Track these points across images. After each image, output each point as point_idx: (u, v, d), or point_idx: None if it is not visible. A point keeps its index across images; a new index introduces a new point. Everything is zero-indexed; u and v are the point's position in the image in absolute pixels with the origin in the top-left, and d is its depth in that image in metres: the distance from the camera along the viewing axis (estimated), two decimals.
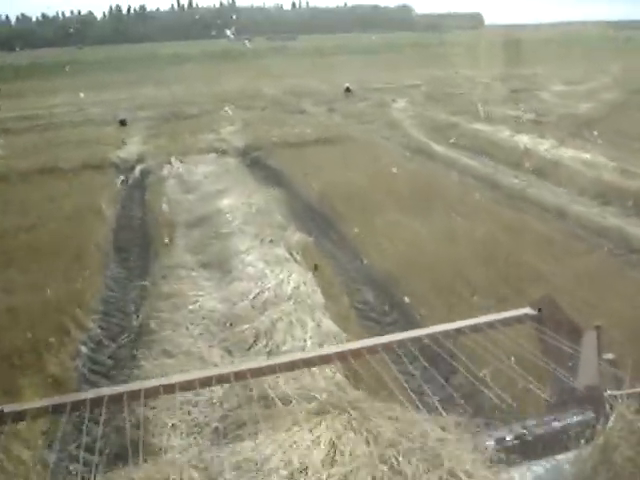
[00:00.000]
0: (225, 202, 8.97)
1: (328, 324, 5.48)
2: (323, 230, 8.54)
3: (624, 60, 31.54)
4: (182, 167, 12.03)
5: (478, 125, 16.07)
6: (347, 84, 27.41)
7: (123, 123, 19.98)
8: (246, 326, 5.40)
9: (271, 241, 7.45)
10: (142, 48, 62.06)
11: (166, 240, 7.60)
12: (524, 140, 13.96)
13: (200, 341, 5.12)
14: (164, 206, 9.32)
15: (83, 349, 5.29)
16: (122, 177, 12.51)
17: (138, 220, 9.62)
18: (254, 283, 6.27)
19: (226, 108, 20.19)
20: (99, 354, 5.33)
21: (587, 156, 12.11)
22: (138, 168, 12.75)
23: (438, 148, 13.96)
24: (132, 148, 15.21)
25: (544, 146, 13.27)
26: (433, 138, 15.05)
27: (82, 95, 24.99)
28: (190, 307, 5.77)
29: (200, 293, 6.21)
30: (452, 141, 14.50)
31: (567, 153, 12.48)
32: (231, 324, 5.51)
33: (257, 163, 12.97)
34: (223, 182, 10.44)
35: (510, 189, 10.59)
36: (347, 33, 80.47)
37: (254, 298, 6.01)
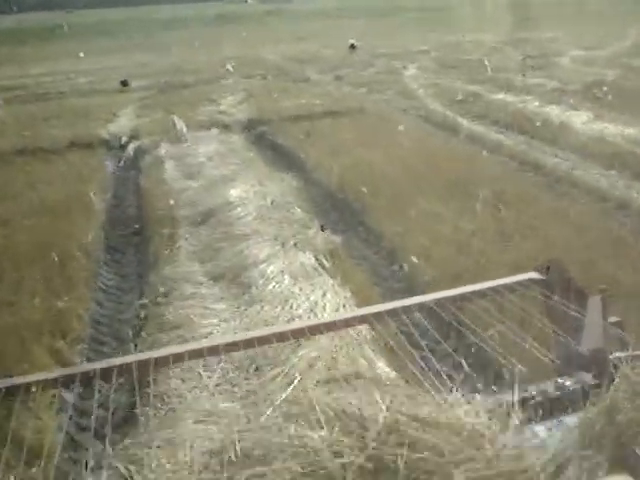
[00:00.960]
0: (234, 192, 7.63)
1: (381, 367, 4.23)
2: (352, 227, 7.23)
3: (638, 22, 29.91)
4: (182, 145, 10.65)
5: (501, 95, 14.64)
6: (352, 40, 26.07)
7: (125, 84, 18.66)
8: (277, 370, 4.15)
9: (295, 245, 6.15)
10: (133, 11, 59.56)
11: (166, 250, 6.28)
12: (555, 112, 12.59)
13: (220, 399, 3.85)
14: (163, 196, 7.99)
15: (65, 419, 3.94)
16: (114, 158, 11.14)
17: (133, 214, 8.27)
18: (281, 307, 5.01)
19: (228, 66, 18.75)
20: (84, 418, 4.02)
21: (631, 131, 10.79)
22: (132, 146, 11.33)
23: (462, 121, 12.55)
24: (124, 122, 13.77)
25: (580, 119, 11.90)
26: (454, 110, 13.62)
27: (69, 63, 23.35)
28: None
29: (213, 321, 4.93)
30: (476, 113, 13.14)
31: (607, 128, 11.13)
32: (257, 368, 4.25)
33: (264, 140, 11.55)
34: (229, 165, 9.09)
35: (553, 171, 9.26)
36: None
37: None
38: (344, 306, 5.01)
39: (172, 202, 7.71)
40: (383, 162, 9.04)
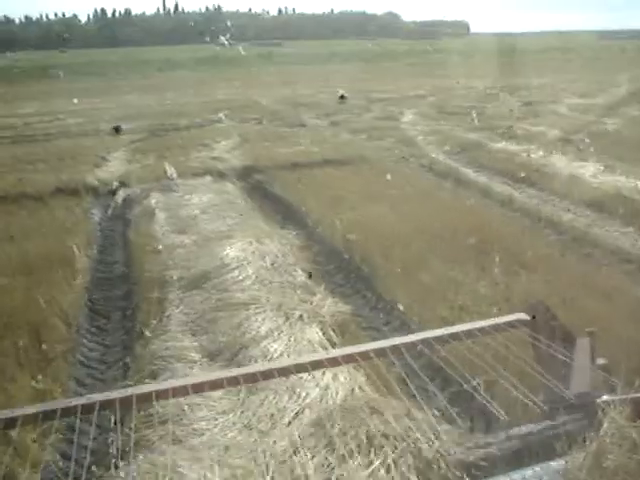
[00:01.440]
0: (230, 250, 6.94)
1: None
2: (361, 293, 6.54)
3: (628, 71, 30.02)
4: (174, 195, 10.00)
5: (503, 144, 14.21)
6: (342, 91, 25.94)
7: (117, 130, 18.11)
8: None
9: (300, 317, 5.45)
10: (127, 53, 59.67)
11: (155, 319, 5.55)
12: (562, 163, 12.13)
13: None
14: (153, 254, 7.29)
15: None
16: (101, 207, 10.47)
17: (120, 273, 7.53)
18: (287, 396, 4.29)
19: (220, 115, 18.27)
20: None
21: None
22: (120, 194, 10.66)
23: (467, 172, 12.04)
24: (114, 167, 13.13)
25: (589, 170, 11.44)
26: (457, 160, 13.14)
27: (60, 103, 22.85)
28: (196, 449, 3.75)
29: (209, 414, 4.20)
30: (481, 164, 12.64)
31: (619, 181, 10.65)
32: None
33: (261, 190, 10.93)
34: (224, 218, 8.42)
35: (571, 229, 8.67)
36: (335, 40, 78.71)
37: (290, 424, 4.04)
38: (359, 387, 4.32)
39: (163, 261, 7.02)
40: (390, 218, 8.40)
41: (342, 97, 25.76)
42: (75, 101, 22.90)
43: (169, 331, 5.49)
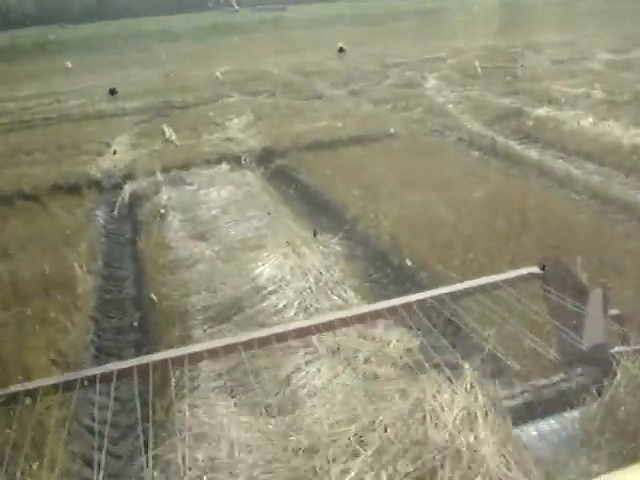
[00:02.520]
0: (263, 266, 5.62)
1: None
2: (427, 314, 5.23)
3: None
4: (187, 189, 8.66)
5: (545, 110, 12.65)
6: (340, 44, 25.00)
7: (113, 92, 16.84)
8: None
9: (366, 360, 4.16)
10: (127, 24, 57.47)
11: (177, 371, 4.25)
12: (619, 131, 10.63)
13: None
14: (168, 270, 5.99)
15: None
16: (106, 206, 9.15)
17: (130, 297, 6.25)
18: None
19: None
20: None
21: None
22: (127, 189, 9.29)
23: (512, 145, 10.59)
24: (119, 155, 11.74)
25: None
26: (498, 131, 11.66)
27: (59, 82, 21.37)
28: None
29: None
30: (525, 134, 11.18)
31: None
32: None
33: (285, 178, 9.53)
34: (249, 219, 7.07)
35: None
36: (336, 2, 75.78)
37: None
38: None
39: (181, 280, 5.73)
40: (440, 209, 7.03)
41: (341, 50, 25.07)
42: (69, 64, 21.28)
43: (198, 387, 4.22)
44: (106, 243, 7.81)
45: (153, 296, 5.10)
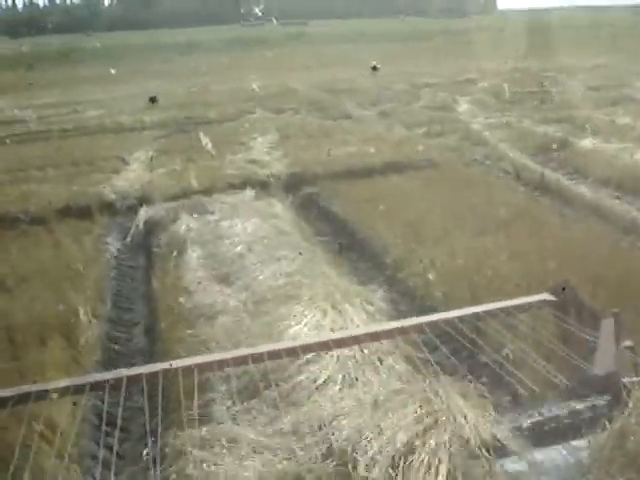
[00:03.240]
0: (299, 326, 4.69)
1: None
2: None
3: None
4: (208, 218, 7.76)
5: (591, 141, 11.67)
6: (374, 62, 24.44)
7: (154, 100, 17.49)
8: None
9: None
10: (151, 35, 57.24)
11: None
12: None
13: None
14: (187, 322, 5.07)
15: None
16: (118, 232, 8.28)
17: (140, 351, 5.33)
18: None
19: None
20: None
21: None
22: (142, 215, 8.42)
23: (562, 180, 9.61)
24: (135, 173, 10.91)
25: None
26: (543, 163, 10.66)
27: (79, 91, 20.69)
28: None
29: None
30: (575, 168, 10.19)
31: None
32: None
33: (317, 210, 8.60)
34: (279, 260, 6.14)
35: None
36: (359, 19, 75.32)
37: None
38: None
39: (201, 338, 4.80)
40: (501, 259, 6.04)
41: (374, 68, 24.72)
42: (90, 73, 20.61)
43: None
44: (116, 278, 6.90)
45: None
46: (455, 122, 14.24)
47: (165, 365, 3.74)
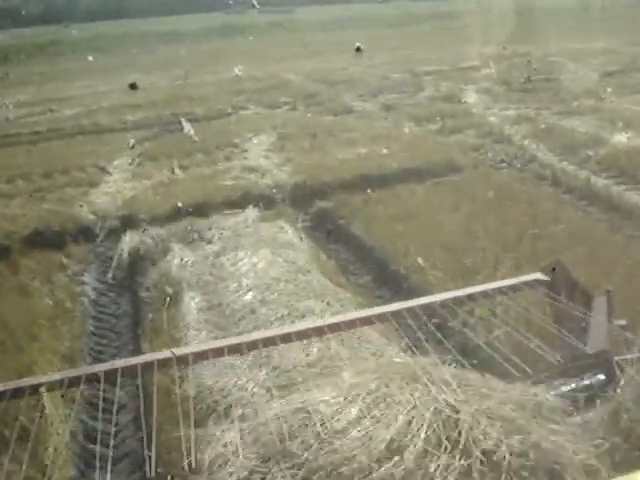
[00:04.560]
0: (352, 432, 3.33)
1: None
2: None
3: None
4: (207, 250, 6.33)
5: (625, 136, 10.34)
6: (358, 43, 23.07)
7: (133, 87, 16.62)
8: None
9: None
10: (131, 24, 55.00)
11: None
12: None
13: None
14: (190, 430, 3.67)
15: None
16: (97, 267, 6.83)
17: (126, 470, 3.94)
18: None
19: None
20: None
21: None
22: (126, 243, 6.97)
23: (608, 186, 8.21)
24: (116, 186, 9.43)
25: None
26: (579, 164, 9.31)
27: (55, 88, 19.04)
28: None
29: None
30: (619, 170, 8.84)
31: None
32: None
33: (337, 234, 7.15)
34: (302, 315, 4.77)
35: None
36: (346, 4, 73.28)
37: None
38: None
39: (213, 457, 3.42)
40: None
41: (358, 49, 23.54)
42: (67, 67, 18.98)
43: None
44: (94, 335, 5.46)
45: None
46: (468, 115, 12.84)
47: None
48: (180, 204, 7.84)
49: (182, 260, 6.15)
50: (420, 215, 7.11)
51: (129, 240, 7.01)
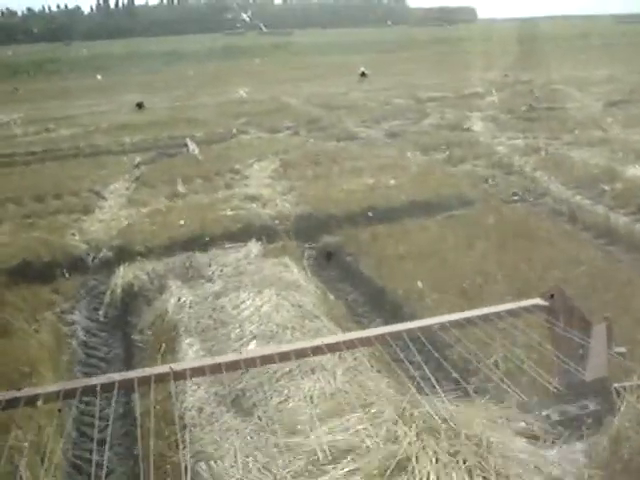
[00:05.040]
0: None
1: None
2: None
3: None
4: (206, 289, 5.86)
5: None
6: (362, 68, 22.85)
7: (140, 106, 16.93)
8: None
9: None
10: (132, 44, 54.97)
11: None
12: None
13: None
14: None
15: None
16: (88, 302, 6.35)
17: None
18: None
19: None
20: None
21: None
22: (120, 278, 6.51)
23: (630, 226, 7.85)
24: (110, 214, 8.98)
25: None
26: (596, 199, 8.90)
27: (53, 106, 18.65)
28: None
29: None
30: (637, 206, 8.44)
31: None
32: None
33: (345, 274, 6.68)
34: (318, 377, 4.29)
35: None
36: (343, 28, 73.68)
37: None
38: None
39: None
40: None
41: (363, 74, 23.18)
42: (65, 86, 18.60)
43: None
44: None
45: None
46: (475, 144, 12.48)
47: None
48: (177, 235, 7.40)
49: (180, 300, 5.68)
50: (432, 253, 6.67)
51: (122, 274, 6.53)
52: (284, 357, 3.54)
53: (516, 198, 9.23)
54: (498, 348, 3.64)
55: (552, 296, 3.68)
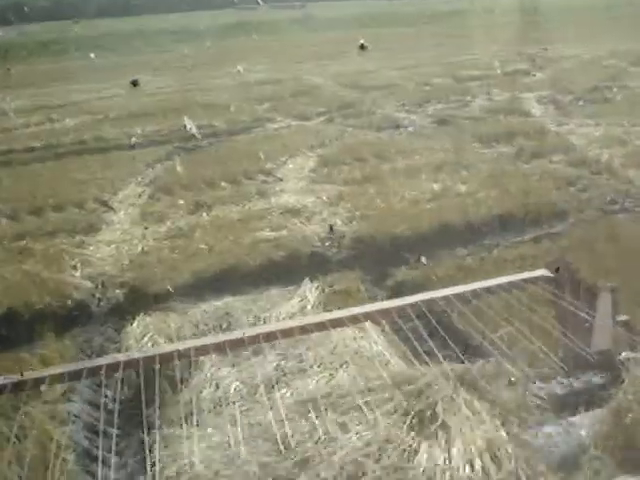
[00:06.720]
0: None
1: None
2: None
3: None
4: (253, 371, 4.16)
5: None
6: (362, 40, 20.73)
7: (135, 84, 15.52)
8: None
9: None
10: (142, 21, 52.64)
11: None
12: None
13: None
14: None
15: None
16: (91, 380, 4.65)
17: None
18: None
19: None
20: None
21: None
22: (133, 338, 4.81)
23: None
24: (120, 233, 7.24)
25: None
26: None
27: (57, 91, 16.88)
28: None
29: None
30: None
31: None
32: None
33: (452, 341, 4.97)
34: None
35: None
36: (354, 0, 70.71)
37: None
38: None
39: None
40: None
41: (362, 47, 21.04)
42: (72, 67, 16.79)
43: None
44: None
45: None
46: (542, 134, 10.56)
47: None
48: (205, 269, 5.68)
49: (217, 386, 3.97)
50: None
51: (138, 334, 4.82)
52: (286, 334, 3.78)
53: (616, 207, 7.41)
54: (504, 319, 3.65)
55: (557, 270, 3.65)
